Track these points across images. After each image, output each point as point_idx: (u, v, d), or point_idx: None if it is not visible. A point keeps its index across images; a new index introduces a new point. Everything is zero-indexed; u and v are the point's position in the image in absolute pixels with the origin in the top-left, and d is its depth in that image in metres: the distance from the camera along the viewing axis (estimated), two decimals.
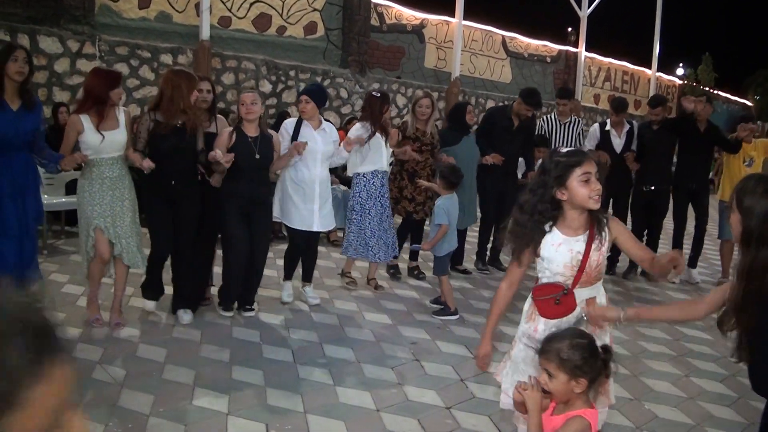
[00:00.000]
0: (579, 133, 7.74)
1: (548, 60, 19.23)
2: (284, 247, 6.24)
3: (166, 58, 10.54)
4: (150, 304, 5.34)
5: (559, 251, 2.68)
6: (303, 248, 5.90)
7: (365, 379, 4.33)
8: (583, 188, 2.60)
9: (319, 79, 12.66)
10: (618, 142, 7.52)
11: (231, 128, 5.34)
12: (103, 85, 4.78)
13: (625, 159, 7.37)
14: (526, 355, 2.75)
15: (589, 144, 7.71)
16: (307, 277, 6.02)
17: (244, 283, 5.44)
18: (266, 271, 5.83)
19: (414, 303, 6.12)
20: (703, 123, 7.26)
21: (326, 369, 4.46)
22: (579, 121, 7.84)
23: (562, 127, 7.67)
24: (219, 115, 5.65)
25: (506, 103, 17.46)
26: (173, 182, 4.98)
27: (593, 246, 2.68)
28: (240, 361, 4.51)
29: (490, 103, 16.49)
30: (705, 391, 4.54)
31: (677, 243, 7.42)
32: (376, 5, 14.36)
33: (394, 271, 6.90)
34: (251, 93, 5.36)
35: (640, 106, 22.91)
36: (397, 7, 14.98)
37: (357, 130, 6.18)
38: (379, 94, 6.32)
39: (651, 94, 21.56)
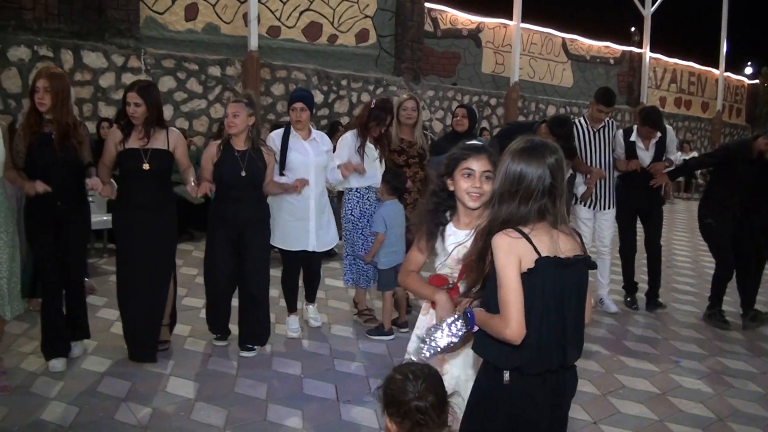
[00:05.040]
0: (612, 137, 6.27)
1: (611, 62, 18.48)
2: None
3: (214, 70, 10.27)
4: (56, 364, 4.32)
5: (447, 242, 2.64)
6: (298, 272, 5.25)
7: None
8: (464, 182, 2.59)
9: (371, 87, 12.30)
10: (645, 155, 6.21)
11: (220, 141, 4.76)
12: None
13: (652, 172, 6.11)
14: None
15: (619, 151, 6.37)
16: (310, 297, 5.47)
17: (242, 317, 4.79)
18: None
19: None
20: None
21: (372, 408, 3.92)
22: (611, 122, 6.32)
23: (595, 134, 6.18)
24: (173, 129, 4.75)
25: (567, 109, 16.86)
26: (58, 203, 4.22)
27: None
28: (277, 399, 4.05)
29: (551, 109, 15.88)
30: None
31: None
32: (430, 10, 13.97)
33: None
34: (235, 104, 4.67)
35: (708, 108, 21.89)
36: (452, 12, 14.55)
37: (344, 139, 5.43)
38: (373, 105, 5.43)
39: (719, 95, 20.58)
